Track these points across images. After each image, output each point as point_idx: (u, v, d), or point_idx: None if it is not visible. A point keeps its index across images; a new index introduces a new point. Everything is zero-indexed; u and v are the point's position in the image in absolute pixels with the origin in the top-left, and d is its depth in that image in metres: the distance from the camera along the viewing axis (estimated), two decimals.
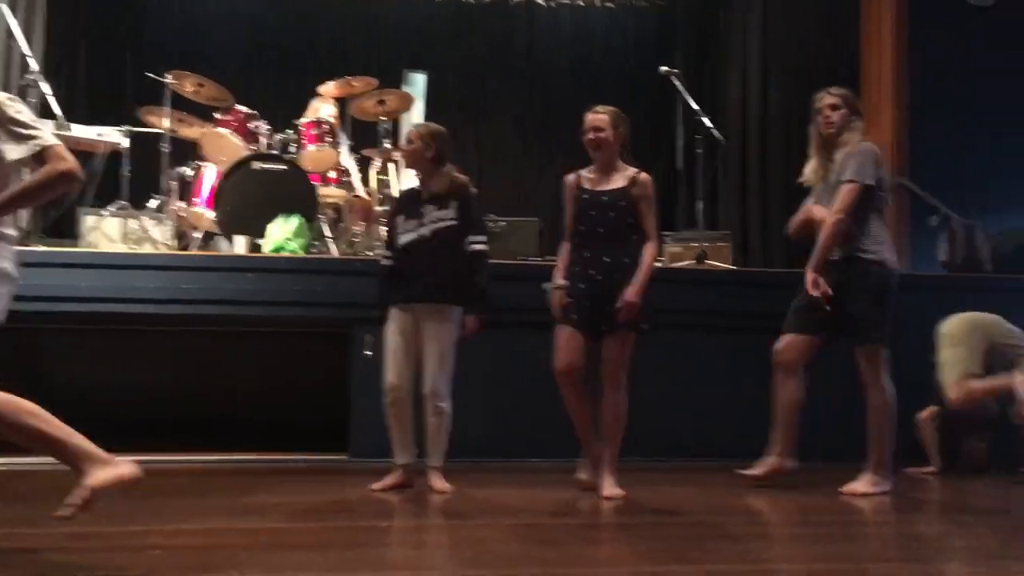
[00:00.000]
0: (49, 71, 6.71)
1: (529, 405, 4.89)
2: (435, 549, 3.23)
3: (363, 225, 6.43)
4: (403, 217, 4.19)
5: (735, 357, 5.23)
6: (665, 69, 6.11)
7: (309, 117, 6.55)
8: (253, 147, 6.25)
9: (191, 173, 6.27)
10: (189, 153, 6.54)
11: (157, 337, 6.24)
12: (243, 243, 5.66)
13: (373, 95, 6.55)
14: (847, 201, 4.18)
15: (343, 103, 6.73)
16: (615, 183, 4.11)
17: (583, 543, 3.26)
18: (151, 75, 6.35)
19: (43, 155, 2.71)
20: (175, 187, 6.21)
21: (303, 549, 2.97)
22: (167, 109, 6.22)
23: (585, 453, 4.19)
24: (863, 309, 4.18)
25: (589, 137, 4.12)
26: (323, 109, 6.67)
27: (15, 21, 5.88)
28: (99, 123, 6.16)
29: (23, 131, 2.70)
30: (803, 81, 7.41)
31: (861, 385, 4.25)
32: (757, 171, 8.22)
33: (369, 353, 4.34)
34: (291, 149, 6.36)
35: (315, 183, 6.12)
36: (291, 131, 6.44)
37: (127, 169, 6.08)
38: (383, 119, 6.55)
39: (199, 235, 6.06)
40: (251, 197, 5.80)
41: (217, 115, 6.40)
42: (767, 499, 4.15)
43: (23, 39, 5.84)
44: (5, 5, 5.87)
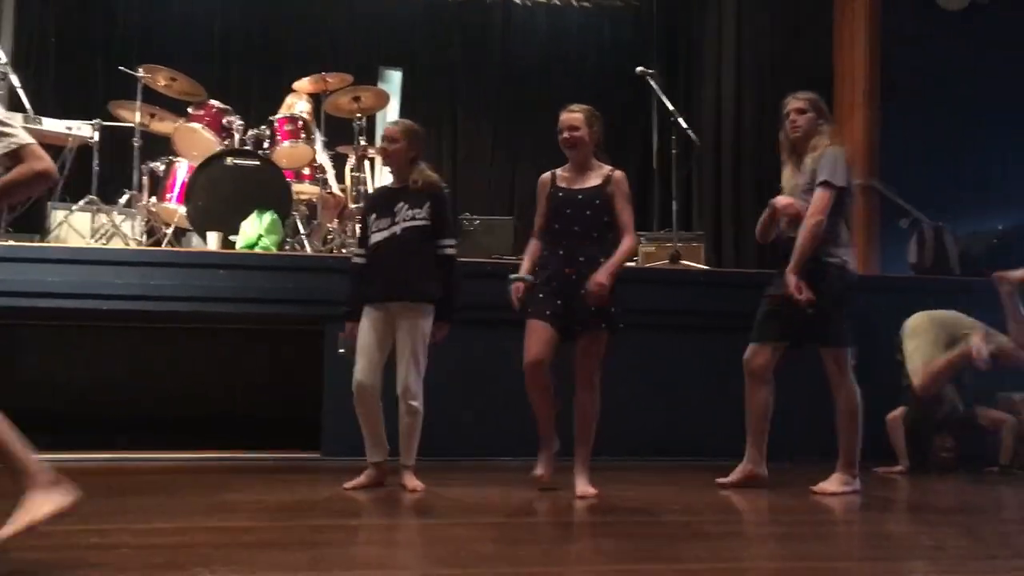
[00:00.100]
0: (18, 63, 6.63)
1: (503, 403, 4.89)
2: (407, 548, 3.22)
3: (337, 222, 6.40)
4: (375, 215, 4.17)
5: (708, 357, 5.26)
6: (641, 69, 6.13)
7: (283, 113, 6.51)
8: (226, 142, 6.21)
9: (163, 168, 6.22)
10: (161, 148, 6.48)
11: (129, 333, 6.18)
12: (215, 239, 5.62)
13: (348, 91, 6.52)
14: (823, 203, 4.21)
15: (318, 99, 6.70)
16: (590, 181, 4.11)
17: (556, 542, 3.26)
18: (123, 68, 6.28)
19: (19, 153, 2.66)
20: (146, 182, 6.16)
21: (274, 547, 2.95)
22: (139, 103, 6.16)
23: (545, 447, 4.18)
24: (825, 311, 4.22)
25: (564, 136, 4.12)
26: (297, 105, 6.64)
27: None
28: (69, 117, 6.10)
29: (3, 126, 2.65)
30: (776, 82, 7.48)
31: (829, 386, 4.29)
32: (731, 172, 8.27)
33: (343, 351, 4.32)
34: (265, 145, 6.32)
35: (289, 179, 6.08)
36: (265, 127, 6.40)
37: (97, 163, 6.01)
38: (358, 116, 6.52)
39: (170, 231, 6.00)
40: (224, 193, 5.76)
41: (190, 110, 6.35)
42: (739, 498, 4.18)
43: None
44: None
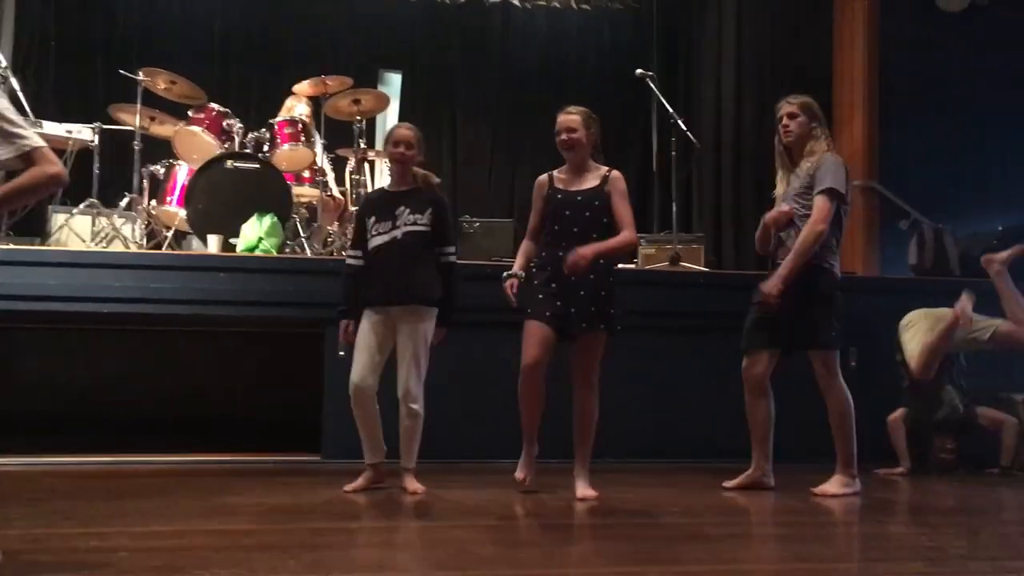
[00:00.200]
0: (18, 67, 6.64)
1: (502, 405, 4.87)
2: (407, 550, 3.22)
3: (337, 225, 6.40)
4: (375, 219, 4.16)
5: (708, 358, 5.26)
6: (640, 72, 6.13)
7: (283, 116, 6.51)
8: (226, 145, 6.21)
9: (163, 171, 6.22)
10: (161, 151, 6.48)
11: (129, 336, 6.19)
12: (216, 242, 5.62)
13: (348, 94, 6.52)
14: (826, 211, 4.21)
15: (317, 102, 6.70)
16: (588, 183, 4.12)
17: (556, 544, 3.26)
18: (123, 72, 6.28)
19: (31, 156, 2.65)
20: (146, 185, 6.16)
21: (274, 550, 2.95)
22: (139, 106, 6.16)
23: (528, 450, 4.19)
24: (814, 315, 4.23)
25: (562, 138, 4.12)
26: (297, 108, 6.64)
27: None
28: (69, 120, 6.10)
29: (11, 129, 2.65)
30: (776, 83, 7.49)
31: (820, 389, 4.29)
32: (731, 173, 8.27)
33: (342, 354, 4.32)
34: (265, 148, 6.32)
35: (289, 182, 6.08)
36: (265, 130, 6.40)
37: (97, 167, 6.02)
38: (358, 118, 6.52)
39: (171, 234, 6.00)
40: (224, 196, 5.76)
41: (190, 113, 6.35)
42: (739, 500, 4.18)
43: None
44: None
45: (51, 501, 3.81)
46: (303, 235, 6.07)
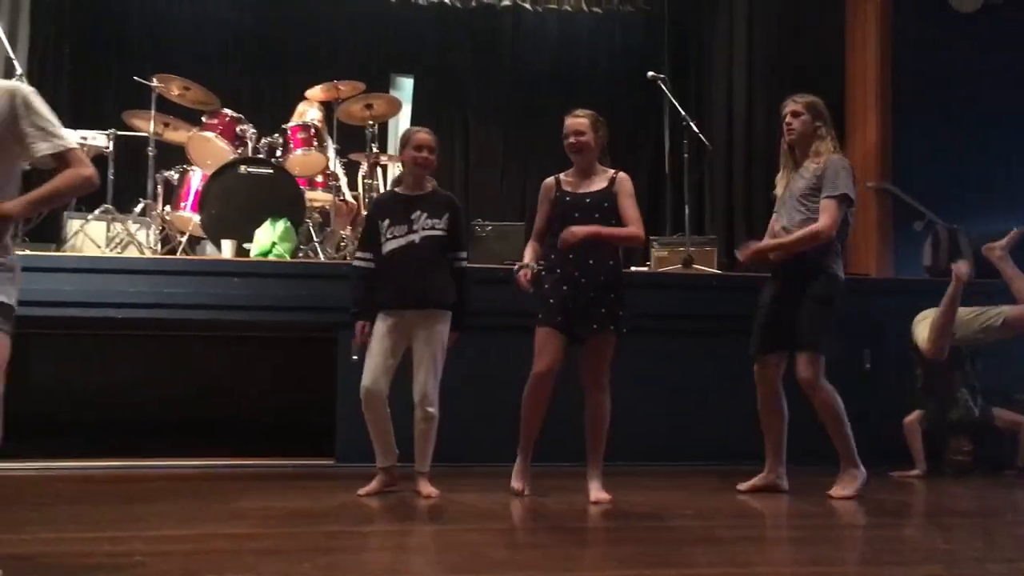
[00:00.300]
0: (33, 74, 6.68)
1: (516, 409, 4.88)
2: (420, 554, 3.23)
3: (350, 229, 6.42)
4: (389, 222, 4.16)
5: (721, 361, 5.24)
6: (652, 74, 6.13)
7: (295, 121, 6.54)
8: (240, 151, 6.24)
9: (177, 177, 6.26)
10: (175, 157, 6.51)
11: (143, 341, 6.23)
12: (230, 247, 5.65)
13: (360, 99, 6.54)
14: (835, 215, 4.19)
15: (329, 107, 6.72)
16: (596, 185, 4.14)
17: (569, 547, 3.26)
18: (137, 79, 6.32)
19: (65, 156, 2.68)
20: (161, 191, 6.20)
21: (287, 554, 2.96)
22: (153, 113, 6.20)
23: (525, 459, 4.19)
24: (807, 315, 4.21)
25: (570, 141, 4.14)
26: (308, 113, 6.67)
27: None
28: (84, 127, 6.14)
29: (49, 128, 2.69)
30: (788, 86, 7.42)
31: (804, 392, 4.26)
32: (743, 176, 8.25)
33: (356, 358, 4.34)
34: (278, 153, 6.35)
35: (302, 187, 6.11)
36: (278, 135, 6.43)
37: (112, 173, 6.05)
38: (370, 123, 6.54)
39: (185, 239, 6.04)
40: (238, 201, 5.78)
41: (204, 119, 6.38)
42: (753, 503, 4.17)
43: (7, 42, 5.82)
44: None
45: (66, 505, 3.84)
46: (316, 239, 6.09)
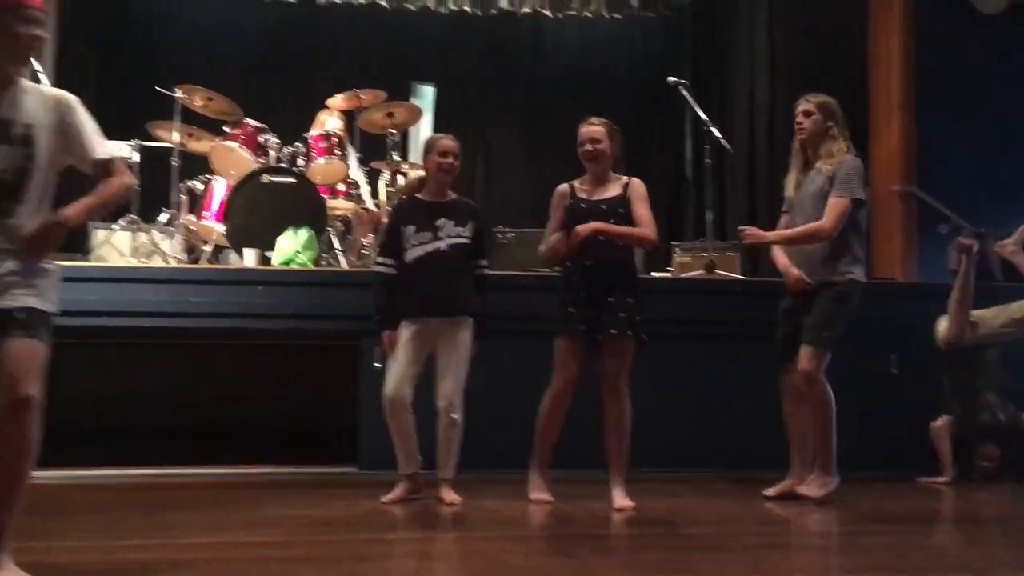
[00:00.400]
0: (59, 86, 6.74)
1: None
2: (443, 561, 3.23)
3: (371, 237, 6.44)
4: (413, 228, 4.17)
5: (745, 367, 5.20)
6: (673, 79, 6.11)
7: (317, 130, 6.57)
8: (262, 160, 6.28)
9: (201, 187, 6.30)
10: (199, 167, 6.56)
11: (169, 351, 6.27)
12: (253, 256, 5.68)
13: (382, 107, 6.56)
14: (837, 216, 4.17)
15: (350, 115, 6.75)
16: (611, 191, 4.17)
17: (592, 555, 3.25)
18: (161, 89, 6.37)
19: (110, 164, 2.73)
20: (185, 201, 6.24)
21: (312, 562, 2.97)
22: (177, 123, 6.25)
23: (544, 470, 4.19)
24: (819, 308, 4.19)
25: (587, 148, 4.16)
26: (329, 122, 6.69)
27: None
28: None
29: (97, 135, 2.74)
30: (810, 90, 7.37)
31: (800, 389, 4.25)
32: (765, 180, 8.19)
33: (379, 365, 4.35)
34: (300, 162, 6.38)
35: (324, 196, 6.14)
36: (300, 144, 6.46)
37: (137, 183, 6.10)
38: (391, 131, 6.56)
39: (209, 248, 6.08)
40: (261, 210, 5.81)
41: (226, 129, 6.43)
42: (778, 510, 4.14)
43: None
44: None
45: (92, 514, 3.87)
46: (338, 248, 6.12)
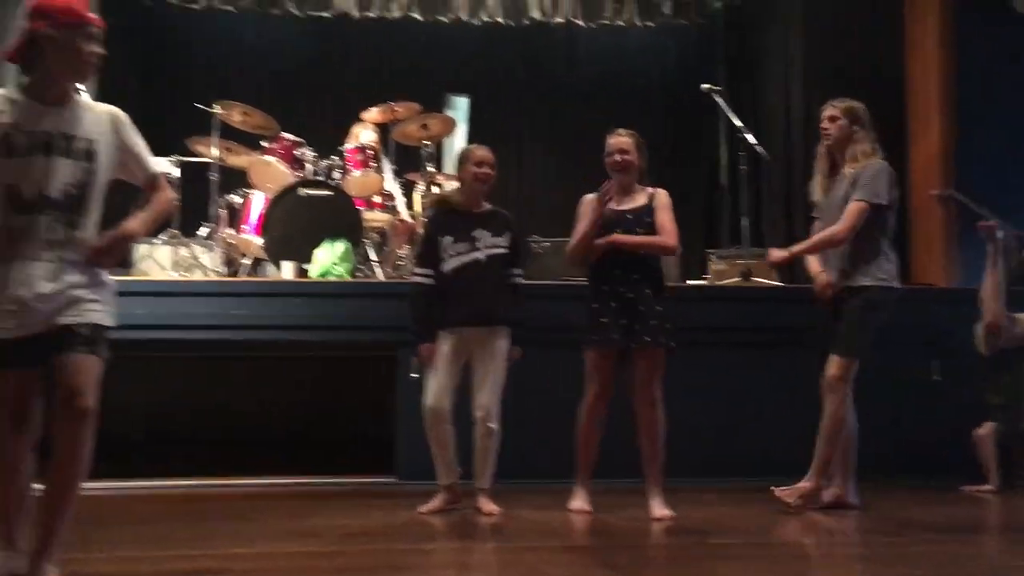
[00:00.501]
0: (100, 101, 6.87)
1: (574, 425, 4.87)
2: (482, 572, 3.24)
3: (407, 248, 6.48)
4: (451, 239, 4.19)
5: (782, 374, 5.16)
6: (707, 86, 6.09)
7: (352, 143, 6.63)
8: (299, 174, 6.35)
9: (239, 200, 6.38)
10: (237, 181, 6.65)
11: (209, 363, 6.35)
12: (290, 268, 5.74)
13: (416, 119, 6.61)
14: (853, 220, 4.13)
15: (385, 128, 6.80)
16: (637, 201, 4.19)
17: (629, 565, 3.24)
18: (199, 105, 6.48)
19: (156, 179, 2.78)
20: (224, 215, 6.33)
21: (351, 572, 3.00)
22: (215, 138, 6.35)
23: (587, 481, 4.20)
24: (849, 315, 4.15)
25: (615, 159, 4.18)
26: (364, 135, 6.75)
27: None
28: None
29: (146, 151, 2.79)
30: (846, 94, 7.31)
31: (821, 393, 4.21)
32: (801, 187, 8.11)
33: (416, 375, 4.38)
34: (336, 175, 6.44)
35: (360, 208, 6.19)
36: (336, 157, 6.53)
37: (177, 198, 6.20)
38: (426, 143, 6.61)
39: (248, 261, 6.15)
40: (298, 223, 5.88)
41: (264, 143, 6.52)
42: (820, 519, 4.09)
43: None
44: None
45: (137, 524, 3.93)
46: (375, 259, 6.16)
